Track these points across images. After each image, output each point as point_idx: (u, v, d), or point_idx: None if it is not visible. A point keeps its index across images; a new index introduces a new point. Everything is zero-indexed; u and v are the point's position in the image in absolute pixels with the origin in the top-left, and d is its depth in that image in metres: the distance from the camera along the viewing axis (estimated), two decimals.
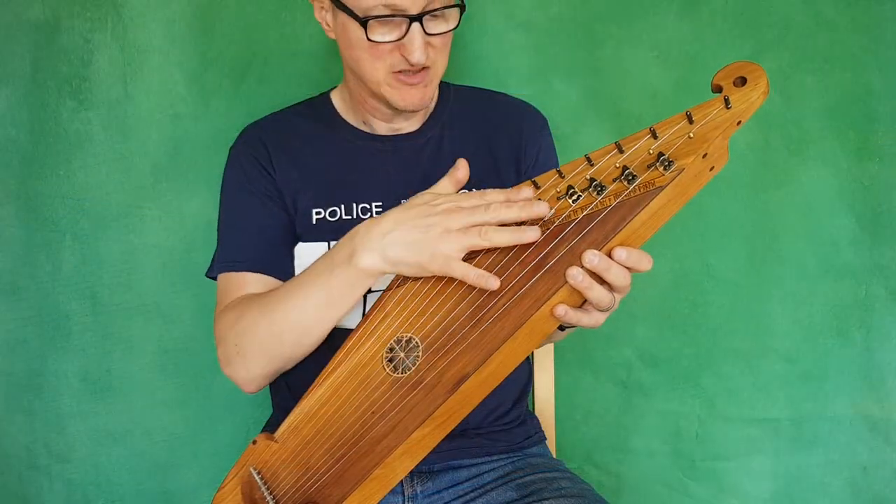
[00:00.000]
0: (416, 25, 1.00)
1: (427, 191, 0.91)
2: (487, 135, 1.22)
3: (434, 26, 1.03)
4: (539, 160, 1.22)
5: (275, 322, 1.01)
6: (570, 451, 1.52)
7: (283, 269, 1.15)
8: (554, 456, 1.32)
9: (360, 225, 0.93)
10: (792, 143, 1.46)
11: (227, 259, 1.16)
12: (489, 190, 0.88)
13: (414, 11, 0.99)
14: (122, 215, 1.47)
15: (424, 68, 1.05)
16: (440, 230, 0.85)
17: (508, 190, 0.87)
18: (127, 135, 1.46)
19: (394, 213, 0.90)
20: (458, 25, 1.05)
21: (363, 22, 1.00)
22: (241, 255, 1.15)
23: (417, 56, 1.02)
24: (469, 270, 0.85)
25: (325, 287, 0.96)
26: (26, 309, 1.48)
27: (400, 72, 1.05)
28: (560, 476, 1.11)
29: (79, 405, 1.51)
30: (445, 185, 0.91)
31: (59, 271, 1.48)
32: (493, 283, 0.84)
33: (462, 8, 1.04)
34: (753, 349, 1.50)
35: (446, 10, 1.03)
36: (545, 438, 1.26)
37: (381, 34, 1.01)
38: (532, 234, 0.82)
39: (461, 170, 0.91)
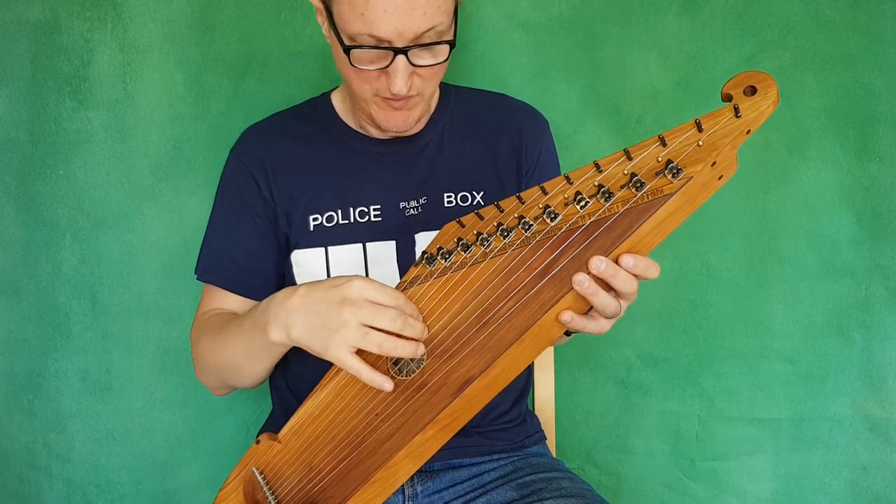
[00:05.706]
0: (400, 58, 0.97)
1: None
2: (488, 137, 1.21)
3: (421, 58, 0.99)
4: (540, 162, 1.22)
5: (216, 356, 1.10)
6: (570, 450, 1.53)
7: (259, 291, 1.18)
8: (554, 456, 1.32)
9: (279, 292, 0.95)
10: (792, 143, 1.46)
11: (208, 270, 1.21)
12: (396, 290, 0.89)
13: (399, 45, 0.95)
14: (122, 215, 1.47)
15: (410, 95, 1.03)
16: (337, 323, 0.86)
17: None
18: (127, 135, 1.45)
19: (303, 288, 0.91)
20: (447, 60, 1.02)
21: (346, 49, 0.97)
22: (222, 272, 1.20)
23: (399, 87, 0.99)
24: (362, 370, 0.86)
25: (250, 343, 1.01)
26: (26, 309, 1.48)
27: (385, 96, 1.03)
28: (560, 476, 1.11)
29: (79, 405, 1.51)
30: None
31: (59, 271, 1.47)
32: (386, 385, 0.86)
33: (452, 45, 1.00)
34: (753, 349, 1.50)
35: (435, 46, 0.99)
36: (545, 438, 1.27)
37: (366, 62, 0.99)
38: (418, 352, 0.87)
39: None
